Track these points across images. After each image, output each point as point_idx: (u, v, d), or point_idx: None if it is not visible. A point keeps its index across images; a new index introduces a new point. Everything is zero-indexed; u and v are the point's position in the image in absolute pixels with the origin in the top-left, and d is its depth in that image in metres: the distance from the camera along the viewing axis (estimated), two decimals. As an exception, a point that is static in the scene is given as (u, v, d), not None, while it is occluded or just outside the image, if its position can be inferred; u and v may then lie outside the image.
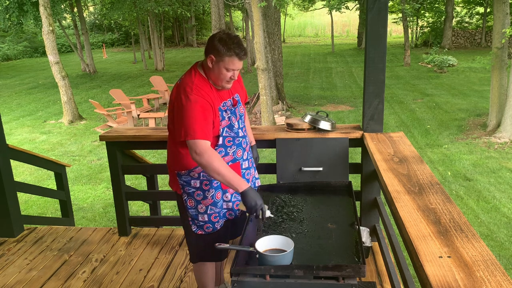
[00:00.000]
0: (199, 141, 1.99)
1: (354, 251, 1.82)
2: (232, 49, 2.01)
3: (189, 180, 2.22)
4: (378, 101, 2.91)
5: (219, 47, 2.01)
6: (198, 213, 2.24)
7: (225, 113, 2.16)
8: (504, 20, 9.25)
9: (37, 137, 10.85)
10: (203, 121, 2.02)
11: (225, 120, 2.15)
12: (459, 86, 14.81)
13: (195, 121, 2.00)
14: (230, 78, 2.08)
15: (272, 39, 12.34)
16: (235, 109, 2.22)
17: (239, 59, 2.05)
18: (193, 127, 1.99)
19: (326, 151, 2.99)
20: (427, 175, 2.10)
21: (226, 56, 2.01)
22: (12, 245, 3.54)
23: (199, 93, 2.03)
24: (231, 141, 2.20)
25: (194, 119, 2.00)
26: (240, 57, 2.04)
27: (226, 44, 2.01)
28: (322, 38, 35.69)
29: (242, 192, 1.97)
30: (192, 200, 2.24)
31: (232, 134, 2.20)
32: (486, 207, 6.16)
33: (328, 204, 2.31)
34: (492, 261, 1.31)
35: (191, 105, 2.00)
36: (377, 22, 2.76)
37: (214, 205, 2.24)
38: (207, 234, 2.28)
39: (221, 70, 2.05)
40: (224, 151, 2.19)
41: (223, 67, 2.04)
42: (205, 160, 1.98)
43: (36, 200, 6.92)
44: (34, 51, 29.21)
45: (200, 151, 1.99)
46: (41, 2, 11.29)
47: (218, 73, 2.06)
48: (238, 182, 1.98)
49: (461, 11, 27.12)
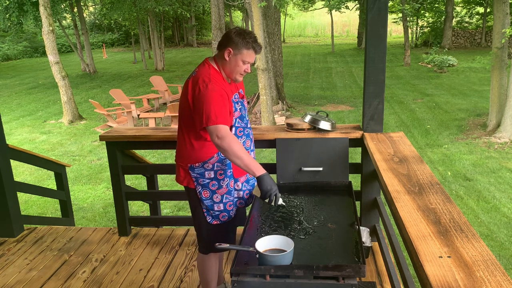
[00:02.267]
0: (220, 126, 2.06)
1: (354, 251, 1.82)
2: (250, 42, 2.13)
3: (203, 172, 2.26)
4: (378, 101, 2.91)
5: (238, 40, 2.12)
6: (214, 203, 2.29)
7: (237, 104, 2.25)
8: (504, 20, 9.25)
9: (37, 137, 10.85)
10: (223, 107, 2.09)
11: (238, 111, 2.25)
12: (459, 86, 14.81)
13: (216, 107, 2.07)
14: (244, 71, 2.20)
15: (272, 39, 12.34)
16: (243, 101, 2.32)
17: (255, 53, 2.17)
18: (214, 112, 2.06)
19: (326, 151, 2.99)
20: (427, 175, 2.10)
21: (244, 48, 2.13)
22: (12, 245, 3.54)
23: (216, 83, 2.12)
24: (241, 131, 2.29)
25: (214, 105, 2.07)
26: (257, 50, 2.17)
27: (244, 38, 2.13)
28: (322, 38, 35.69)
29: (259, 177, 2.05)
30: (207, 190, 2.28)
31: (243, 124, 2.29)
32: (486, 207, 6.16)
33: (328, 204, 2.31)
34: (492, 261, 1.31)
35: (210, 93, 2.07)
36: (377, 22, 2.76)
37: (229, 193, 2.31)
38: (222, 223, 2.33)
39: (238, 63, 2.15)
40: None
41: (240, 60, 2.15)
42: (227, 144, 2.04)
43: (36, 200, 6.92)
44: (34, 51, 29.21)
45: (222, 135, 2.05)
46: (41, 2, 11.29)
47: (235, 66, 2.16)
48: (256, 167, 2.06)
49: (461, 11, 27.12)
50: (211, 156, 2.22)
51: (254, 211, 2.24)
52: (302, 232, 2.00)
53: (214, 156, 2.23)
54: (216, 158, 2.24)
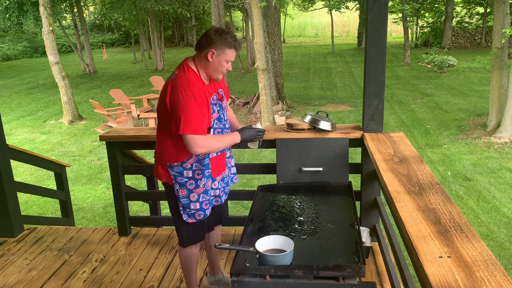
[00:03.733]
0: (198, 137, 2.13)
1: (354, 251, 1.82)
2: (232, 42, 2.17)
3: (182, 171, 2.30)
4: (378, 101, 2.91)
5: (220, 40, 2.15)
6: (190, 202, 2.34)
7: (215, 106, 2.28)
8: (504, 20, 9.25)
9: (37, 137, 10.85)
10: (200, 116, 2.13)
11: (215, 113, 2.28)
12: (459, 86, 14.81)
13: (194, 116, 2.10)
14: (226, 69, 2.24)
15: (272, 39, 12.34)
16: (221, 103, 2.36)
17: (236, 51, 2.22)
18: (192, 122, 2.10)
19: (326, 151, 2.99)
20: (427, 175, 2.10)
21: (227, 48, 2.16)
22: (12, 245, 3.54)
23: (195, 89, 2.13)
24: (220, 133, 2.34)
25: (192, 114, 2.10)
26: (237, 48, 2.22)
27: (226, 38, 2.16)
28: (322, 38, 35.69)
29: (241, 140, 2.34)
30: (185, 189, 2.32)
31: (221, 125, 2.34)
32: (486, 207, 6.16)
33: (328, 204, 2.31)
34: (492, 261, 1.31)
35: (189, 100, 2.10)
36: (377, 22, 2.76)
37: (205, 193, 2.36)
38: (197, 221, 2.39)
39: (221, 63, 2.18)
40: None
41: (224, 60, 2.18)
42: (207, 150, 2.18)
43: (36, 200, 6.92)
44: (34, 51, 29.21)
45: (201, 145, 2.14)
46: (41, 2, 11.29)
47: (218, 66, 2.19)
48: (233, 140, 2.29)
49: (461, 11, 27.13)
50: (190, 156, 2.27)
51: (254, 211, 2.24)
52: (302, 232, 2.00)
53: (192, 157, 2.28)
54: (194, 158, 2.28)
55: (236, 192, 3.63)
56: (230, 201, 6.34)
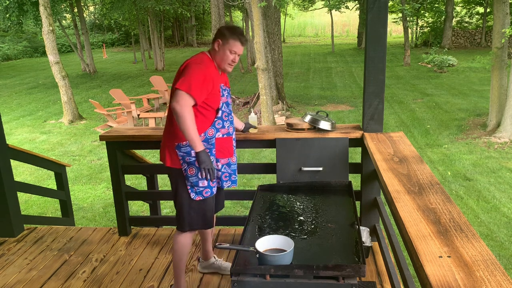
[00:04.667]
0: (187, 95, 2.27)
1: (354, 251, 1.82)
2: (236, 34, 2.40)
3: (190, 151, 2.41)
4: (378, 101, 2.91)
5: (225, 31, 2.41)
6: (199, 180, 2.44)
7: (224, 91, 2.51)
8: (504, 20, 9.25)
9: (37, 137, 10.85)
10: (201, 83, 2.31)
11: (224, 97, 2.49)
12: (459, 86, 14.81)
13: (196, 80, 2.30)
14: (232, 61, 2.43)
15: (272, 39, 12.33)
16: (229, 93, 2.59)
17: (241, 44, 2.42)
18: (190, 81, 2.28)
19: (326, 151, 2.99)
20: (427, 175, 2.10)
21: (231, 38, 2.38)
22: (12, 245, 3.54)
23: (207, 64, 2.39)
24: (227, 116, 2.52)
25: (195, 78, 2.30)
26: (242, 42, 2.42)
27: (231, 30, 2.42)
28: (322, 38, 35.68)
29: (197, 153, 2.33)
30: (193, 168, 2.43)
31: (228, 110, 2.53)
32: (486, 207, 6.16)
33: (328, 204, 2.31)
34: (492, 261, 1.31)
35: (197, 67, 2.34)
36: (377, 22, 2.76)
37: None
38: (203, 199, 2.49)
39: (225, 52, 2.40)
40: (221, 124, 2.49)
41: (228, 49, 2.39)
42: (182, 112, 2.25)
43: (36, 200, 6.92)
44: (34, 51, 29.21)
45: (182, 103, 2.26)
46: (41, 2, 11.29)
47: (223, 55, 2.40)
48: (197, 143, 2.31)
49: (461, 11, 27.11)
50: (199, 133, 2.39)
51: (254, 211, 2.24)
52: (302, 232, 2.00)
53: (201, 136, 2.41)
54: (202, 137, 2.42)
55: (236, 192, 3.63)
56: (230, 201, 6.34)
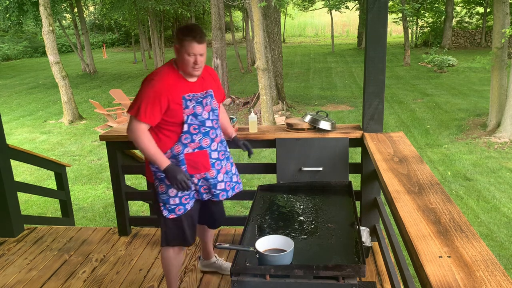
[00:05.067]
0: (136, 121, 2.20)
1: (354, 251, 1.82)
2: (189, 33, 2.16)
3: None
4: (378, 101, 2.91)
5: (178, 35, 2.19)
6: (170, 197, 2.34)
7: (190, 102, 2.27)
8: (504, 20, 9.25)
9: (37, 137, 10.85)
10: (150, 104, 2.18)
11: (189, 109, 2.27)
12: (459, 86, 14.81)
13: (143, 101, 2.18)
14: (194, 63, 2.20)
15: (272, 39, 12.33)
16: (201, 101, 2.32)
17: (197, 43, 2.17)
18: (137, 104, 2.19)
19: (326, 151, 2.99)
20: (427, 175, 2.10)
21: (184, 41, 2.16)
22: (12, 245, 3.54)
23: (159, 79, 2.20)
24: (196, 129, 2.30)
25: (143, 99, 2.18)
26: (197, 39, 2.16)
27: (183, 31, 2.18)
28: (322, 38, 35.68)
29: (163, 170, 2.22)
30: (163, 184, 2.33)
31: (197, 122, 2.30)
32: (486, 207, 6.16)
33: (328, 204, 2.31)
34: (492, 261, 1.31)
35: (146, 85, 2.20)
36: (377, 22, 2.76)
37: None
38: (178, 217, 2.38)
39: (183, 56, 2.18)
40: (190, 138, 2.30)
41: (185, 53, 2.17)
42: (135, 137, 2.21)
43: (36, 200, 6.92)
44: (34, 51, 29.20)
45: (131, 129, 2.21)
46: (41, 2, 11.29)
47: (183, 60, 2.20)
48: (161, 160, 2.22)
49: (461, 11, 27.11)
50: (164, 151, 2.29)
51: (254, 211, 2.24)
52: (302, 232, 2.00)
53: (167, 152, 2.30)
54: (169, 154, 2.30)
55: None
56: (230, 201, 6.34)
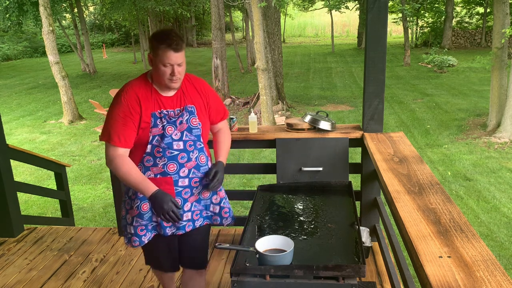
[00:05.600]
0: (112, 147, 1.95)
1: (354, 251, 1.82)
2: (163, 40, 1.87)
3: (128, 189, 2.11)
4: (378, 101, 2.91)
5: (152, 42, 1.91)
6: (127, 224, 2.10)
7: (160, 120, 1.98)
8: (504, 20, 9.25)
9: (37, 137, 10.85)
10: (121, 126, 1.93)
11: (158, 128, 1.97)
12: (459, 86, 14.81)
13: (114, 123, 1.94)
14: (171, 75, 1.92)
15: (272, 39, 12.34)
16: (175, 120, 2.00)
17: (174, 51, 1.88)
18: (110, 129, 1.95)
19: (326, 151, 2.99)
20: (427, 175, 2.10)
21: (159, 50, 1.88)
22: (12, 245, 3.54)
23: (127, 95, 1.96)
24: (160, 152, 1.99)
25: (113, 121, 1.94)
26: (173, 48, 1.87)
27: (157, 37, 1.89)
28: (322, 38, 35.68)
29: (149, 197, 1.92)
30: (124, 208, 2.13)
31: (163, 144, 1.98)
32: (486, 207, 6.16)
33: (328, 204, 2.31)
34: (492, 261, 1.31)
35: (114, 106, 1.96)
36: (377, 22, 2.76)
37: (140, 217, 2.06)
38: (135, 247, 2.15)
39: (159, 67, 1.91)
40: (152, 161, 2.01)
41: (160, 63, 1.90)
42: (115, 166, 1.95)
43: (36, 200, 6.92)
44: (34, 51, 29.19)
45: (110, 157, 1.96)
46: (41, 2, 11.28)
47: (157, 71, 1.93)
48: (146, 186, 1.92)
49: (461, 11, 27.11)
50: None
51: (254, 211, 2.24)
52: (302, 232, 2.00)
53: None
54: None
55: (236, 192, 3.64)
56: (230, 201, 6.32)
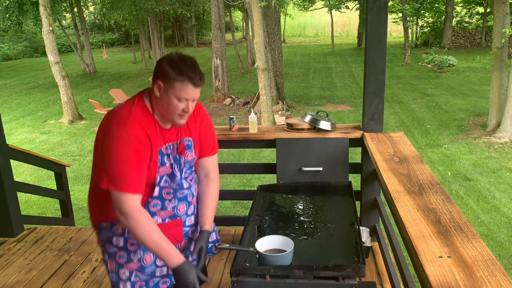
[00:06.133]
0: (127, 196, 1.57)
1: (354, 251, 1.82)
2: (184, 72, 1.59)
3: (111, 237, 1.75)
4: (378, 101, 2.91)
5: (168, 70, 1.59)
6: (120, 280, 1.75)
7: (167, 158, 1.71)
8: (504, 20, 9.25)
9: (37, 137, 10.85)
10: (136, 169, 1.59)
11: (165, 167, 1.71)
12: (459, 86, 14.81)
13: (126, 168, 1.56)
14: (183, 111, 1.64)
15: (272, 39, 12.34)
16: (180, 158, 1.76)
17: (194, 86, 1.61)
18: (122, 175, 1.56)
19: (326, 151, 2.99)
20: (427, 175, 2.10)
21: (176, 81, 1.59)
22: (12, 245, 3.54)
23: (135, 129, 1.59)
24: (170, 194, 1.76)
25: (124, 164, 1.56)
26: (195, 82, 1.61)
27: (177, 66, 1.59)
28: (322, 38, 35.68)
29: (174, 269, 1.62)
30: (113, 262, 1.76)
31: (174, 185, 1.75)
32: (486, 207, 6.16)
33: (328, 204, 2.31)
34: (492, 261, 1.31)
35: (122, 144, 1.56)
36: (377, 22, 2.76)
37: (141, 270, 1.76)
38: None
39: (170, 100, 1.61)
40: (160, 205, 1.74)
41: (174, 96, 1.61)
42: (132, 223, 1.58)
43: (36, 200, 6.92)
44: (34, 51, 29.20)
45: (126, 211, 1.58)
46: (41, 2, 11.29)
47: (167, 104, 1.62)
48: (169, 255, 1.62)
49: (461, 11, 27.11)
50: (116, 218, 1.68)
51: (254, 211, 2.24)
52: (302, 232, 2.00)
53: None
54: None
55: (236, 192, 3.64)
56: (230, 201, 6.33)
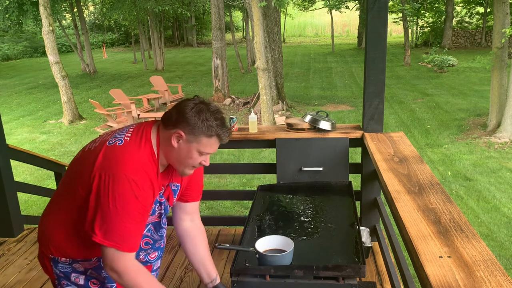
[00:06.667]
0: (124, 255, 1.41)
1: (354, 251, 1.82)
2: (214, 128, 1.44)
3: (69, 273, 1.55)
4: (378, 101, 2.91)
5: (197, 122, 1.42)
6: None
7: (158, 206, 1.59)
8: (504, 20, 9.25)
9: (37, 137, 10.85)
10: (138, 226, 1.44)
11: (154, 216, 1.59)
12: (459, 86, 14.81)
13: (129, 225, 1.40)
14: (200, 164, 1.51)
15: (272, 39, 12.34)
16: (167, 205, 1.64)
17: (220, 141, 1.49)
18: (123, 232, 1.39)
19: (326, 151, 2.99)
20: (427, 175, 2.10)
21: (204, 136, 1.44)
22: (12, 245, 3.54)
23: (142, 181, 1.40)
24: (149, 244, 1.64)
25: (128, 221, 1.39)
26: (223, 138, 1.48)
27: (207, 120, 1.43)
28: (322, 38, 35.69)
29: None
30: None
31: (156, 237, 1.64)
32: (486, 207, 6.16)
33: (328, 204, 2.31)
34: (492, 261, 1.31)
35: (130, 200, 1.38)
36: (377, 22, 2.76)
37: None
38: None
39: (191, 153, 1.46)
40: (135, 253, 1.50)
41: (196, 150, 1.46)
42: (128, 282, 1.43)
43: (36, 200, 6.92)
44: (34, 51, 29.21)
45: (122, 270, 1.41)
46: (41, 2, 11.29)
47: (186, 157, 1.47)
48: None
49: (461, 11, 27.12)
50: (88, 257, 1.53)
51: (254, 211, 2.24)
52: (302, 232, 2.00)
53: (92, 260, 1.54)
54: (95, 262, 1.55)
55: (236, 192, 3.63)
56: (230, 201, 6.33)
